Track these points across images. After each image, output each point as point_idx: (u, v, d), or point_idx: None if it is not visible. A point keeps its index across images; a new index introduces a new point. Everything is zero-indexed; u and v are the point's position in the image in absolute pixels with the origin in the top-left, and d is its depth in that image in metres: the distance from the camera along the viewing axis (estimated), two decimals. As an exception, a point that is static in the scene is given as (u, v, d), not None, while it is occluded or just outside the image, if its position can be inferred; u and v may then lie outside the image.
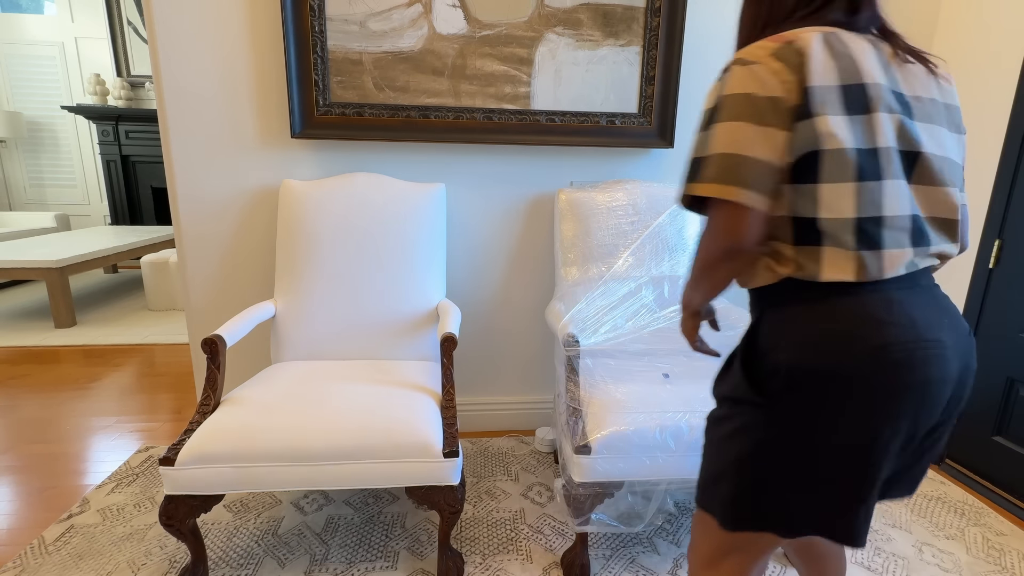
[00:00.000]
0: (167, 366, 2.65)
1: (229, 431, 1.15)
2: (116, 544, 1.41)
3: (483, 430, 2.07)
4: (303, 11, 1.61)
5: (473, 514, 1.56)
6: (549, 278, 1.98)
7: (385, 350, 1.59)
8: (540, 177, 1.88)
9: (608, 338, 1.52)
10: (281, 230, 1.65)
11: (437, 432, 1.20)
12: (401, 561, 1.37)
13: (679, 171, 1.94)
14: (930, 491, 1.72)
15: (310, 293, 1.58)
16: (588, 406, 1.32)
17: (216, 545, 1.42)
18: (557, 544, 1.45)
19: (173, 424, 2.07)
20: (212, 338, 1.28)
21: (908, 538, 1.50)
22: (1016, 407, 1.66)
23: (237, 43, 1.66)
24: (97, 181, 4.87)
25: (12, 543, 1.42)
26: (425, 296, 1.63)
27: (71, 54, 4.60)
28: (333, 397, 1.26)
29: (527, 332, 2.02)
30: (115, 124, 4.53)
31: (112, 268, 4.70)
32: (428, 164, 1.82)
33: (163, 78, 1.65)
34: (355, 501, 1.61)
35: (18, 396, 2.28)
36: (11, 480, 1.70)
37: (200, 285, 1.82)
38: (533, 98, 1.76)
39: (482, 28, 1.70)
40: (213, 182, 1.75)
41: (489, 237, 1.91)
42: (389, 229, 1.63)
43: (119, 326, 3.24)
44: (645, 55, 1.76)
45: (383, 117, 1.72)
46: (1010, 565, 1.41)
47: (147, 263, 3.52)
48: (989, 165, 1.72)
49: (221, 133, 1.71)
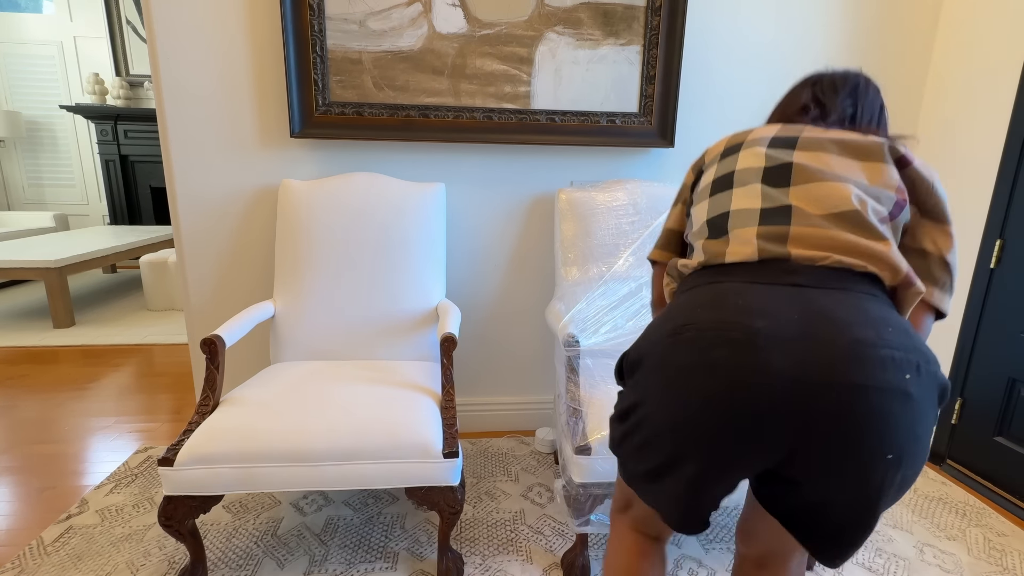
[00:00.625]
0: (166, 366, 2.64)
1: (228, 432, 1.15)
2: (115, 545, 1.40)
3: (483, 430, 2.06)
4: (303, 10, 1.61)
5: (473, 515, 1.56)
6: (549, 278, 1.97)
7: (385, 350, 1.59)
8: (540, 177, 1.88)
9: (608, 338, 1.52)
10: (280, 230, 1.64)
11: (437, 432, 1.20)
12: (401, 562, 1.36)
13: (680, 170, 1.93)
14: (931, 492, 1.72)
15: (310, 293, 1.58)
16: (588, 406, 1.32)
17: (215, 546, 1.41)
18: (557, 545, 1.45)
19: (172, 424, 2.06)
20: (211, 338, 1.27)
21: (909, 539, 1.49)
22: (1017, 407, 1.66)
23: (236, 42, 1.65)
24: (96, 181, 4.86)
25: (11, 544, 1.41)
26: (425, 296, 1.63)
27: (70, 53, 4.60)
28: (332, 397, 1.26)
29: (527, 332, 2.01)
30: (114, 124, 4.52)
31: (111, 268, 4.70)
32: (428, 164, 1.82)
33: (162, 77, 1.65)
34: (354, 502, 1.60)
35: (17, 396, 2.28)
36: (10, 480, 1.69)
37: (199, 285, 1.81)
38: (533, 97, 1.76)
39: (482, 27, 1.69)
40: (212, 182, 1.74)
41: (489, 237, 1.91)
42: (389, 229, 1.63)
43: (118, 326, 3.23)
44: (645, 54, 1.76)
45: (383, 117, 1.72)
46: (1011, 566, 1.41)
47: (146, 263, 3.52)
48: (990, 165, 1.72)
49: (220, 133, 1.71)
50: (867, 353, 0.61)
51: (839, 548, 0.69)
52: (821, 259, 0.69)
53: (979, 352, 1.76)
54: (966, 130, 1.80)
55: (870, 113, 0.90)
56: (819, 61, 1.88)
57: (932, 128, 1.93)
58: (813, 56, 1.88)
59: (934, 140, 1.92)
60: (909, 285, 0.72)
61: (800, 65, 1.88)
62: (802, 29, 1.86)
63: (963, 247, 1.80)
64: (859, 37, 1.88)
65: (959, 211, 1.82)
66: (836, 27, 1.86)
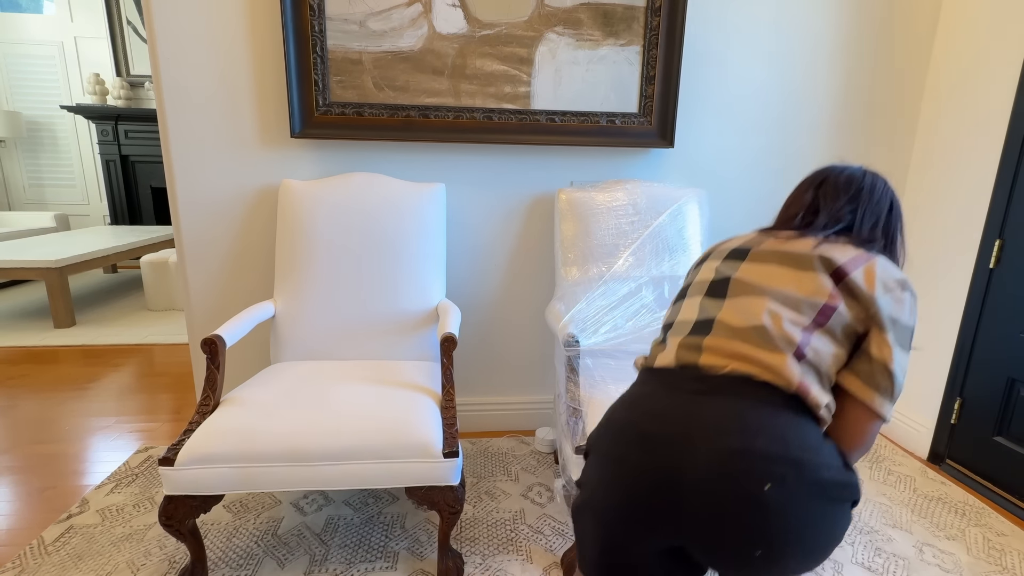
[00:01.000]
0: (166, 366, 2.64)
1: (229, 431, 1.15)
2: (115, 544, 1.41)
3: (483, 430, 2.06)
4: (303, 11, 1.61)
5: (473, 514, 1.56)
6: (549, 278, 1.97)
7: (385, 350, 1.59)
8: (540, 177, 1.88)
9: (608, 338, 1.52)
10: (281, 230, 1.64)
11: (437, 432, 1.20)
12: (401, 561, 1.37)
13: (679, 170, 1.94)
14: (931, 491, 1.72)
15: (310, 293, 1.58)
16: (588, 406, 1.32)
17: (216, 545, 1.41)
18: (557, 544, 1.45)
19: (172, 424, 2.06)
20: (212, 338, 1.27)
21: (909, 538, 1.50)
22: (1017, 407, 1.66)
23: (237, 43, 1.65)
24: (96, 181, 4.87)
25: (11, 543, 1.41)
26: (425, 296, 1.63)
27: (70, 54, 4.60)
28: (333, 397, 1.26)
29: (527, 332, 2.01)
30: (114, 124, 4.52)
31: (111, 268, 4.70)
32: (428, 164, 1.82)
33: (163, 78, 1.65)
34: (355, 501, 1.61)
35: (17, 396, 2.28)
36: (10, 480, 1.69)
37: (200, 285, 1.82)
38: (533, 98, 1.76)
39: (482, 28, 1.69)
40: (213, 182, 1.75)
41: (489, 237, 1.91)
42: (389, 229, 1.63)
43: (118, 326, 3.23)
44: (645, 55, 1.76)
45: (383, 117, 1.72)
46: (1011, 565, 1.41)
47: (146, 263, 3.52)
48: (989, 165, 1.72)
49: (221, 133, 1.71)
50: (729, 463, 0.70)
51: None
52: (722, 367, 0.79)
53: (978, 352, 1.76)
54: (966, 130, 1.80)
55: (874, 217, 0.92)
56: (819, 60, 1.89)
57: (931, 128, 1.93)
58: (813, 56, 1.88)
59: (934, 140, 1.93)
60: (805, 395, 0.77)
61: (800, 65, 1.88)
62: (802, 29, 1.86)
63: (963, 247, 1.80)
64: (859, 37, 1.88)
65: (959, 211, 1.82)
66: (836, 26, 1.87)
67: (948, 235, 1.87)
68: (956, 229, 1.84)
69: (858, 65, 1.91)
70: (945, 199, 1.88)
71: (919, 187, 1.99)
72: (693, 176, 1.95)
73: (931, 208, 1.94)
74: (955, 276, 1.83)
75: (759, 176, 1.97)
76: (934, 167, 1.93)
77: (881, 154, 2.01)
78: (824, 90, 1.92)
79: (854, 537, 1.49)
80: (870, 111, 1.96)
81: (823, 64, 1.90)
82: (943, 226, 1.89)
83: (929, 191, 1.94)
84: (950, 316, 1.85)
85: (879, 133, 1.99)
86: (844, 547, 1.45)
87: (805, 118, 1.94)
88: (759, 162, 1.96)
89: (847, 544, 1.47)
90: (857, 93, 1.94)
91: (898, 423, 2.05)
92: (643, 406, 0.81)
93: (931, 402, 1.92)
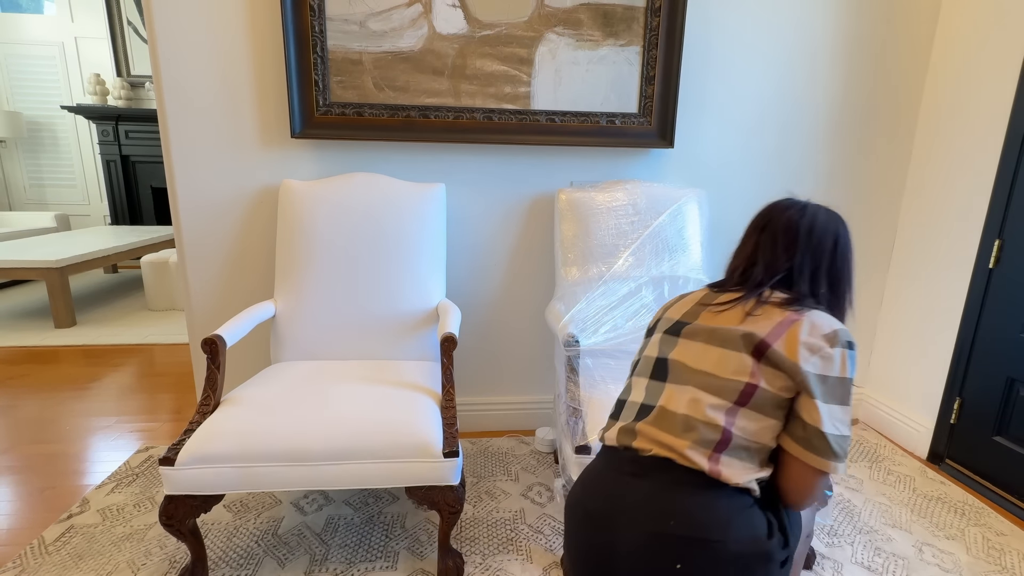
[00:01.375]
0: (167, 366, 2.65)
1: (229, 431, 1.15)
2: (116, 544, 1.41)
3: (483, 430, 2.07)
4: (303, 11, 1.61)
5: (473, 514, 1.56)
6: (549, 278, 1.98)
7: (385, 350, 1.59)
8: (540, 177, 1.88)
9: (608, 338, 1.52)
10: (281, 230, 1.65)
11: (437, 432, 1.20)
12: (401, 561, 1.37)
13: (679, 171, 1.94)
14: (930, 491, 1.72)
15: (310, 293, 1.58)
16: (588, 406, 1.33)
17: (216, 545, 1.42)
18: (557, 544, 1.45)
19: (173, 424, 2.07)
20: (212, 338, 1.28)
21: (908, 538, 1.50)
22: (1016, 407, 1.66)
23: (237, 43, 1.66)
24: (97, 181, 4.87)
25: (12, 543, 1.42)
26: (425, 296, 1.63)
27: (71, 54, 4.60)
28: (333, 397, 1.26)
29: (527, 332, 2.02)
30: (115, 124, 4.53)
31: (112, 268, 4.70)
32: (428, 164, 1.82)
33: (163, 78, 1.65)
34: (355, 501, 1.61)
35: (18, 396, 2.28)
36: (11, 480, 1.70)
37: (200, 285, 1.82)
38: (533, 98, 1.76)
39: (482, 28, 1.70)
40: (213, 182, 1.75)
41: (489, 237, 1.91)
42: (389, 229, 1.63)
43: (119, 326, 3.24)
44: (645, 55, 1.76)
45: (383, 117, 1.72)
46: (1010, 565, 1.41)
47: (147, 263, 3.52)
48: (989, 165, 1.72)
49: (221, 133, 1.71)
50: (646, 544, 0.80)
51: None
52: (646, 451, 0.86)
53: (978, 352, 1.76)
54: (965, 130, 1.80)
55: (814, 263, 0.92)
56: (819, 60, 1.89)
57: (931, 128, 1.93)
58: (813, 55, 1.88)
59: (933, 140, 1.93)
60: (717, 477, 0.81)
61: (800, 64, 1.88)
62: (802, 28, 1.86)
63: (962, 247, 1.81)
64: (859, 37, 1.89)
65: (958, 211, 1.83)
66: (836, 26, 1.87)
67: (948, 235, 1.87)
68: (955, 229, 1.84)
69: (858, 65, 1.91)
70: (945, 199, 1.88)
71: (919, 187, 1.99)
72: (693, 176, 1.95)
73: (931, 208, 1.94)
74: (955, 276, 1.84)
75: (759, 176, 1.98)
76: (934, 167, 1.93)
77: (881, 154, 2.01)
78: (824, 90, 1.92)
79: (854, 537, 1.50)
80: (870, 111, 1.96)
81: (823, 64, 1.90)
82: (943, 226, 1.89)
83: (929, 191, 1.95)
84: (950, 316, 1.85)
85: (879, 133, 1.99)
86: (844, 547, 1.46)
87: (805, 117, 1.94)
88: (759, 162, 1.96)
89: (847, 544, 1.47)
90: (857, 93, 1.94)
91: (898, 423, 2.05)
92: (590, 486, 0.91)
93: (931, 402, 1.92)
